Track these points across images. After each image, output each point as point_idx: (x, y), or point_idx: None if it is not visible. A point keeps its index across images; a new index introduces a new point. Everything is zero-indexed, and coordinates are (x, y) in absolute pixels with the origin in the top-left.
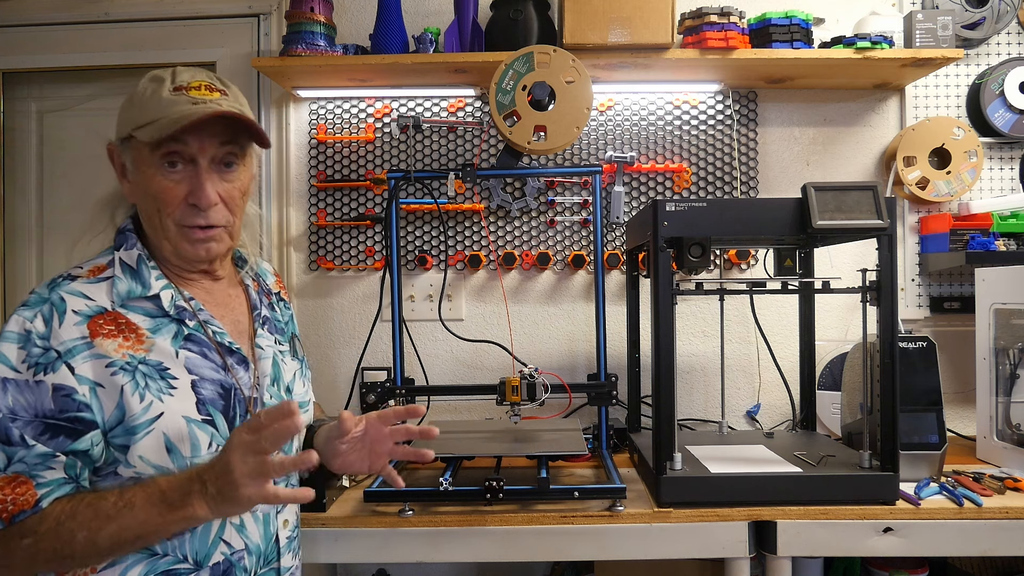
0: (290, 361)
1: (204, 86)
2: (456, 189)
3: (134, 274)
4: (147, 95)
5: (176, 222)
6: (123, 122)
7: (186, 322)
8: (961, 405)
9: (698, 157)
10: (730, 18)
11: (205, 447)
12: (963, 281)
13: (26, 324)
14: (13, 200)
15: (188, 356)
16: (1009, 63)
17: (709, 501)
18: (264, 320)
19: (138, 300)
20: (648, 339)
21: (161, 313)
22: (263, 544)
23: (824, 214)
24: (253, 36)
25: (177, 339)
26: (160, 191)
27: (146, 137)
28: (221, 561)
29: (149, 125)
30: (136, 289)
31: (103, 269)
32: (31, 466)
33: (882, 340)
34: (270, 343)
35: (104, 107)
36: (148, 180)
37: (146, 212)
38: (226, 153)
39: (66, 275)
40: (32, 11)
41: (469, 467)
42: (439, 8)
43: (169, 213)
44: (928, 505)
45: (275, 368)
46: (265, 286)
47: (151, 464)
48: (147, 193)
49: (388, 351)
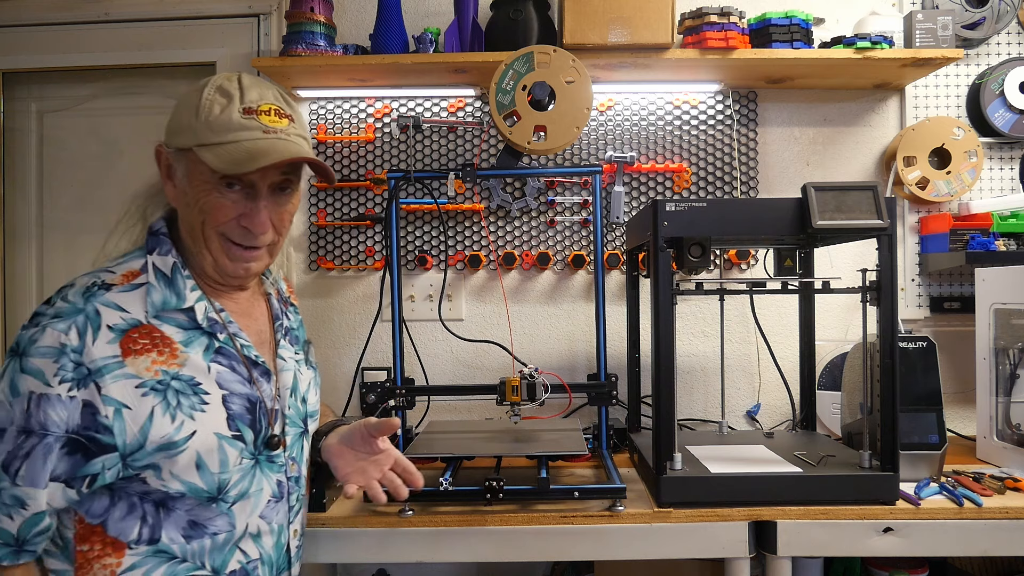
0: (306, 370)
1: (274, 111)
2: (456, 189)
3: (168, 283)
4: (216, 112)
5: (222, 234)
6: (183, 130)
7: (217, 335)
8: (961, 405)
9: (698, 157)
10: (730, 18)
11: (234, 463)
12: (963, 281)
13: (61, 338)
14: (13, 200)
15: (219, 371)
16: (1009, 63)
17: (709, 501)
18: (286, 331)
19: (172, 312)
20: (648, 339)
21: (193, 325)
22: (275, 554)
23: (824, 214)
24: (253, 36)
25: (208, 352)
26: (214, 208)
27: (217, 164)
28: (237, 570)
29: (218, 147)
30: (171, 300)
31: (136, 275)
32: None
33: (882, 340)
34: (291, 355)
35: (104, 107)
36: (202, 195)
37: (189, 220)
38: (284, 180)
39: (100, 282)
40: (32, 11)
41: (469, 467)
42: (439, 8)
43: (216, 226)
44: (928, 505)
45: (295, 379)
46: (283, 295)
47: (181, 480)
48: (197, 206)
49: (388, 351)
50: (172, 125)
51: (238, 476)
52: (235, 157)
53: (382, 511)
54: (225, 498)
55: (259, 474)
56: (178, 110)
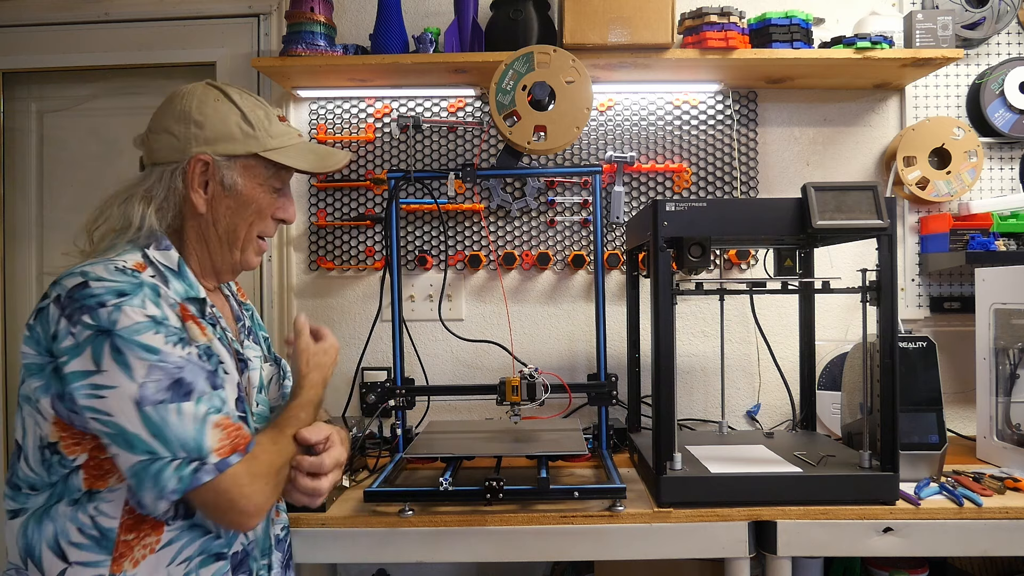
0: (267, 367)
1: (283, 119)
2: (456, 189)
3: (178, 276)
4: (266, 122)
5: (259, 234)
6: (236, 138)
7: (218, 326)
8: (961, 405)
9: (698, 157)
10: (730, 18)
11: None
12: (963, 281)
13: (146, 311)
14: (13, 200)
15: (226, 358)
16: (1009, 63)
17: (709, 501)
18: (249, 331)
19: (188, 301)
20: (648, 339)
21: (202, 315)
22: (262, 536)
23: (824, 214)
24: (253, 36)
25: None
26: (267, 206)
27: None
28: (240, 551)
29: (284, 150)
30: (187, 290)
31: (144, 267)
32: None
33: (882, 340)
34: (256, 353)
35: (104, 107)
36: (258, 197)
37: (230, 224)
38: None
39: (124, 266)
40: (32, 11)
41: (469, 467)
42: (439, 8)
43: (259, 226)
44: (928, 505)
45: (260, 378)
46: (235, 296)
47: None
48: (253, 208)
49: (388, 351)
50: (214, 133)
51: None
52: (312, 158)
53: (382, 511)
54: None
55: None
56: (213, 119)
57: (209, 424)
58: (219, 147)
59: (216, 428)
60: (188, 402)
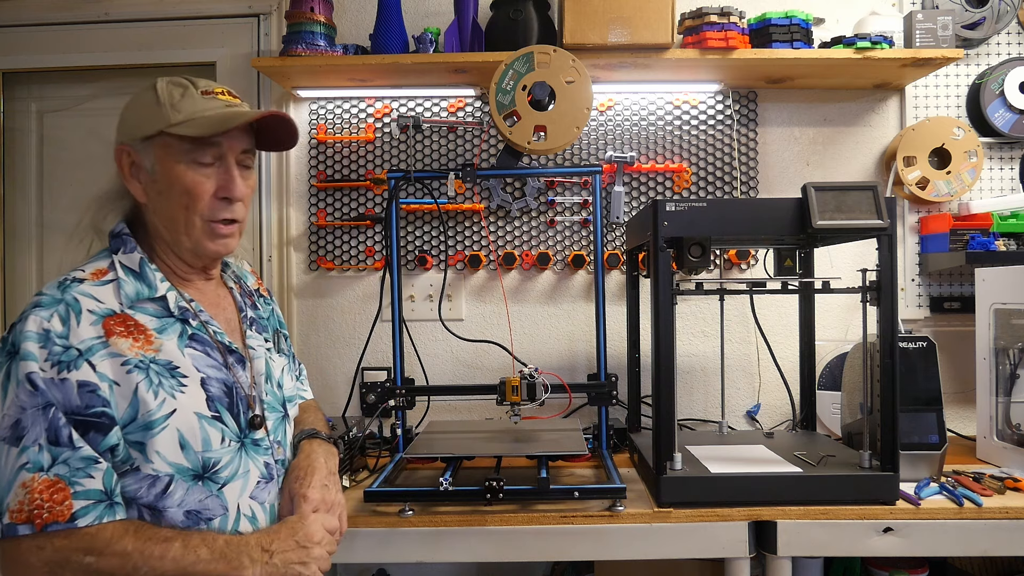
0: (277, 357)
1: (227, 92)
2: (456, 189)
3: (138, 276)
4: (177, 97)
5: (204, 218)
6: (145, 120)
7: (189, 322)
8: (961, 405)
9: (698, 157)
10: (730, 18)
11: (217, 443)
12: (963, 281)
13: (44, 323)
14: (13, 200)
15: (194, 355)
16: (1009, 63)
17: (709, 501)
18: (252, 321)
19: (145, 302)
20: (648, 339)
21: (166, 313)
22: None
23: (824, 214)
24: (253, 36)
25: (183, 339)
26: (194, 185)
27: (195, 131)
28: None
29: (190, 120)
30: (143, 291)
31: (104, 272)
32: (73, 471)
33: (882, 340)
34: (260, 343)
35: (104, 107)
36: (180, 176)
37: (167, 211)
38: (245, 156)
39: (72, 278)
40: (32, 11)
41: (469, 467)
42: (439, 8)
43: (198, 209)
44: (928, 505)
45: (267, 366)
46: (247, 287)
47: (167, 461)
48: (178, 189)
49: (388, 351)
50: (130, 121)
51: (228, 458)
52: (211, 121)
53: (382, 511)
54: (215, 479)
55: (245, 457)
56: (132, 109)
57: (18, 480)
58: (131, 132)
59: (21, 488)
60: (15, 448)
